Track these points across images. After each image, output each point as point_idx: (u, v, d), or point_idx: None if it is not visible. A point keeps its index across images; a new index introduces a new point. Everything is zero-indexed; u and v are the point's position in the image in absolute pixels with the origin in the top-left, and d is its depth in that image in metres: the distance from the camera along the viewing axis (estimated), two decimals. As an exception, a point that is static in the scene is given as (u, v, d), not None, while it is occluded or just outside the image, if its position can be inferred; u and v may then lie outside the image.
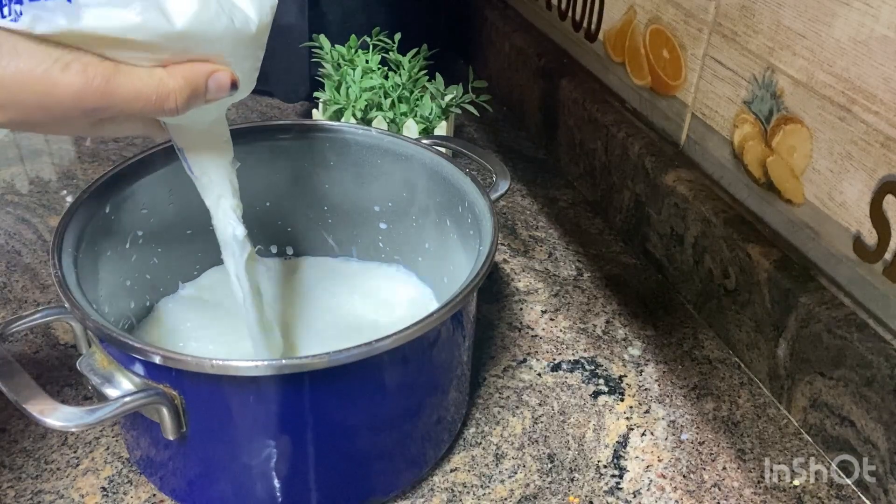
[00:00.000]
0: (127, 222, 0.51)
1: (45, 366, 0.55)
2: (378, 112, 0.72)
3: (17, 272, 0.64)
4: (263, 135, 0.56)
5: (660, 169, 0.65)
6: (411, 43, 0.75)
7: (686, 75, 0.63)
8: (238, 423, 0.41)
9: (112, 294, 0.50)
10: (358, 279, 0.59)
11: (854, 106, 0.47)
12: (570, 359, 0.59)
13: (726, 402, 0.56)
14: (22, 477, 0.48)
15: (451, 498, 0.48)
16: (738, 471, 0.51)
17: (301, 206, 0.60)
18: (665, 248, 0.66)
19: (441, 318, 0.41)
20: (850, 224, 0.49)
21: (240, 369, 0.38)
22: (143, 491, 0.47)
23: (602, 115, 0.73)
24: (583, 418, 0.54)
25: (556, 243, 0.71)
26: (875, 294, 0.48)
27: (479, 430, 0.53)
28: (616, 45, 0.72)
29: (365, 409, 0.43)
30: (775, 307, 0.54)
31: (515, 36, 0.88)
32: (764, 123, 0.55)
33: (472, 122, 0.89)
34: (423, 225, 0.57)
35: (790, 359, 0.53)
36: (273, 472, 0.43)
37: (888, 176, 0.46)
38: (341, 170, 0.58)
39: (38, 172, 0.77)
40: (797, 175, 0.53)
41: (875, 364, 0.47)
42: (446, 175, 0.53)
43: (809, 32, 0.50)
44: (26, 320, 0.44)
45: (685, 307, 0.64)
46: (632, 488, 0.49)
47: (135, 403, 0.39)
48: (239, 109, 0.90)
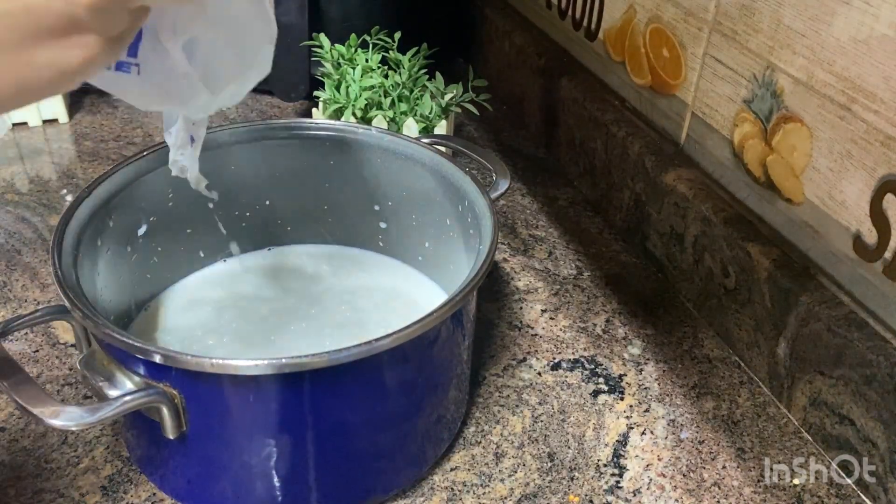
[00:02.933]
0: (127, 221, 0.51)
1: (45, 365, 0.55)
2: (378, 111, 0.72)
3: (17, 271, 0.64)
4: (263, 134, 0.56)
5: (660, 168, 0.65)
6: (411, 42, 0.75)
7: (686, 74, 0.63)
8: (238, 421, 0.42)
9: (112, 293, 0.50)
10: (358, 277, 0.59)
11: (854, 105, 0.47)
12: (570, 358, 0.59)
13: (726, 401, 0.56)
14: (22, 476, 0.48)
15: (451, 497, 0.48)
16: (737, 470, 0.51)
17: (301, 205, 0.60)
18: (665, 247, 0.66)
19: (441, 316, 0.41)
20: (850, 223, 0.49)
21: (239, 368, 0.38)
22: (144, 490, 0.47)
23: (602, 114, 0.73)
24: (583, 417, 0.54)
25: (556, 242, 0.71)
26: (875, 293, 0.48)
27: (479, 429, 0.53)
28: (616, 44, 0.72)
29: (365, 407, 0.43)
30: (775, 306, 0.54)
31: (515, 35, 0.88)
32: (764, 122, 0.55)
33: (472, 121, 0.89)
34: (423, 224, 0.57)
35: (790, 358, 0.53)
36: (273, 471, 0.43)
37: (888, 175, 0.46)
38: (341, 169, 0.58)
39: (38, 171, 0.77)
40: (797, 174, 0.53)
41: (875, 363, 0.47)
42: (446, 174, 0.53)
43: (809, 31, 0.50)
44: (26, 319, 0.44)
45: (685, 306, 0.64)
46: (632, 487, 0.49)
47: (135, 403, 0.39)
48: (239, 109, 0.90)
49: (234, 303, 0.56)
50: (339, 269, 0.60)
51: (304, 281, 0.59)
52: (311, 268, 0.60)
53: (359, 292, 0.58)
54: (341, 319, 0.55)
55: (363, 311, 0.56)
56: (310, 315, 0.56)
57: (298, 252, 0.61)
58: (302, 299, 0.57)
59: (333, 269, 0.60)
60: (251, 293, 0.57)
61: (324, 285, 0.58)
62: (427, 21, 0.92)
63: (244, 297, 0.57)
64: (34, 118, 0.84)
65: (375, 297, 0.58)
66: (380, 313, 0.56)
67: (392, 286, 0.59)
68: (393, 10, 0.86)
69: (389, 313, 0.56)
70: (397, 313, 0.56)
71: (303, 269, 0.60)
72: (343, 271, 0.60)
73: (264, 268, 0.59)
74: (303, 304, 0.56)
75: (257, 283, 0.58)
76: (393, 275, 0.60)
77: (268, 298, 0.57)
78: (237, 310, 0.56)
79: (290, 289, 0.58)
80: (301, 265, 0.60)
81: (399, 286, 0.59)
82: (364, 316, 0.56)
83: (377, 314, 0.56)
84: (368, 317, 0.56)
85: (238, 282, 0.58)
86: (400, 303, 0.57)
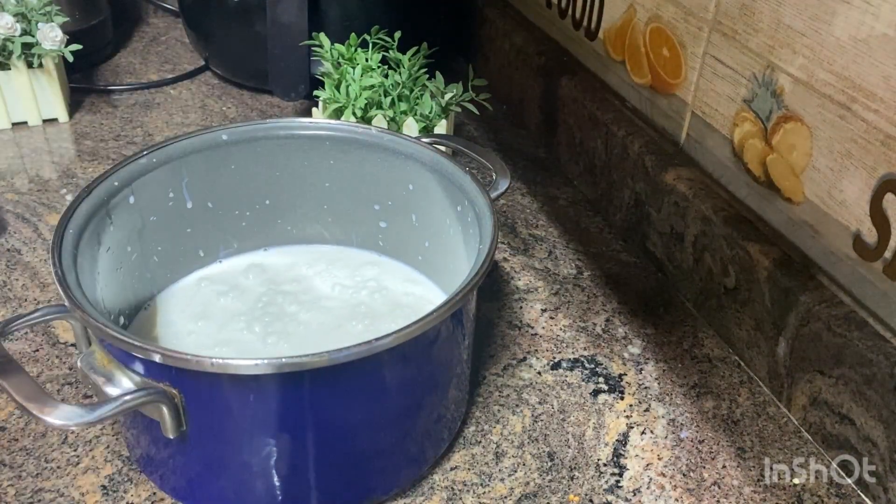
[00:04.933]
0: (127, 220, 0.51)
1: (45, 364, 0.56)
2: (378, 110, 0.72)
3: (16, 270, 0.64)
4: (263, 133, 0.56)
5: (660, 167, 0.65)
6: (411, 41, 0.75)
7: (686, 74, 0.63)
8: (238, 421, 0.42)
9: (112, 292, 0.50)
10: (358, 276, 0.59)
11: (854, 104, 0.47)
12: (569, 357, 0.59)
13: (726, 401, 0.56)
14: (22, 475, 0.48)
15: (451, 496, 0.48)
16: (737, 469, 0.51)
17: (301, 205, 0.60)
18: (665, 247, 0.66)
19: (441, 316, 0.41)
20: (850, 222, 0.49)
21: (239, 368, 0.38)
22: (144, 489, 0.47)
23: (602, 113, 0.73)
24: (583, 417, 0.54)
25: (556, 242, 0.71)
26: (875, 292, 0.48)
27: (479, 429, 0.53)
28: (616, 43, 0.72)
29: (365, 407, 0.43)
30: (775, 306, 0.54)
31: (515, 34, 0.88)
32: (764, 122, 0.55)
33: (472, 120, 0.89)
34: (423, 224, 0.57)
35: (790, 357, 0.53)
36: (273, 471, 0.43)
37: (888, 174, 0.46)
38: (341, 168, 0.58)
39: (38, 171, 0.77)
40: (797, 173, 0.53)
41: (875, 362, 0.47)
42: (446, 173, 0.53)
43: (809, 31, 0.50)
44: (26, 319, 0.44)
45: (685, 306, 0.64)
46: (631, 486, 0.49)
47: (135, 402, 0.39)
48: (239, 108, 0.90)
49: (233, 302, 0.56)
50: (338, 270, 0.60)
51: (303, 281, 0.59)
52: (310, 268, 0.60)
53: (359, 292, 0.58)
54: (341, 319, 0.55)
55: (363, 311, 0.56)
56: (309, 315, 0.56)
57: (298, 252, 0.61)
58: (301, 299, 0.57)
59: (333, 270, 0.60)
60: (251, 293, 0.57)
61: (324, 285, 0.58)
62: (427, 20, 0.92)
63: (244, 296, 0.57)
64: (34, 117, 0.84)
65: (375, 295, 0.58)
66: (380, 313, 0.56)
67: (392, 286, 0.59)
68: (393, 9, 0.86)
69: (389, 313, 0.56)
70: (397, 313, 0.56)
71: (302, 270, 0.60)
72: (343, 271, 0.60)
73: (264, 267, 0.59)
74: (302, 303, 0.56)
75: (257, 282, 0.58)
76: (393, 275, 0.60)
77: (267, 298, 0.57)
78: (237, 309, 0.56)
79: (289, 289, 0.58)
80: (301, 265, 0.60)
81: (399, 286, 0.59)
82: (364, 315, 0.56)
83: (377, 314, 0.56)
84: (368, 316, 0.56)
85: (238, 281, 0.58)
86: (399, 303, 0.57)
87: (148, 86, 0.94)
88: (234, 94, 0.93)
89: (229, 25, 0.88)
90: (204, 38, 0.93)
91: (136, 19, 1.11)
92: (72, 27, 0.88)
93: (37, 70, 0.81)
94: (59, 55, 0.82)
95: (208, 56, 0.95)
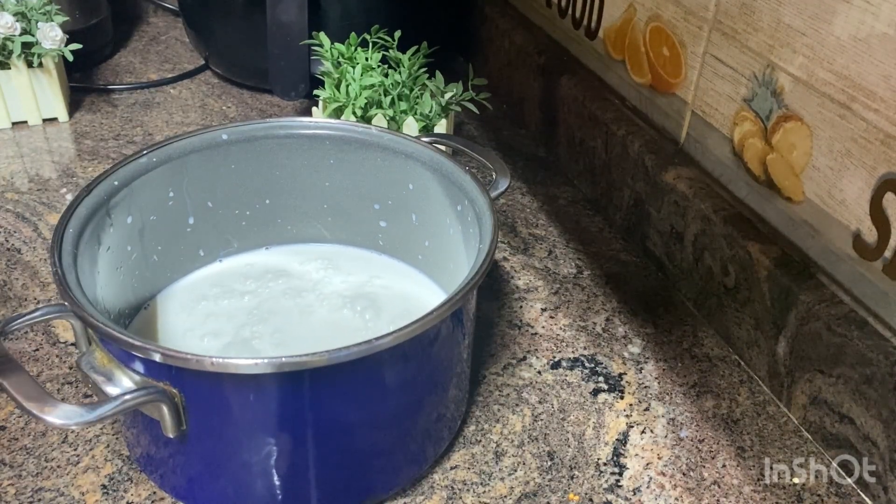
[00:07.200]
0: (127, 220, 0.51)
1: (45, 363, 0.56)
2: (378, 110, 0.72)
3: (16, 270, 0.64)
4: (263, 133, 0.56)
5: (660, 167, 0.65)
6: (411, 40, 0.75)
7: (686, 73, 0.63)
8: (238, 420, 0.42)
9: (112, 292, 0.50)
10: (357, 277, 0.59)
11: (854, 103, 0.47)
12: (569, 356, 0.59)
13: (726, 400, 0.56)
14: (22, 475, 0.48)
15: (451, 495, 0.48)
16: (737, 468, 0.51)
17: (301, 204, 0.60)
18: (665, 246, 0.66)
19: (441, 315, 0.41)
20: (850, 221, 0.49)
21: (240, 367, 0.38)
22: (144, 488, 0.47)
23: (602, 112, 0.73)
24: (582, 416, 0.54)
25: (555, 241, 0.71)
26: (875, 291, 0.48)
27: (479, 428, 0.53)
28: (616, 42, 0.72)
29: (365, 406, 0.43)
30: (775, 305, 0.54)
31: (515, 33, 0.88)
32: (764, 121, 0.55)
33: (472, 119, 0.89)
34: (423, 223, 0.57)
35: (790, 356, 0.53)
36: (273, 470, 0.43)
37: (888, 173, 0.46)
38: (341, 168, 0.58)
39: (38, 170, 0.77)
40: (797, 173, 0.53)
41: (875, 362, 0.47)
42: (446, 173, 0.53)
43: (809, 30, 0.50)
44: (26, 318, 0.44)
45: (685, 305, 0.64)
46: (631, 486, 0.49)
47: (135, 401, 0.39)
48: (238, 107, 0.90)
49: (233, 302, 0.56)
50: (338, 269, 0.60)
51: (303, 280, 0.59)
52: (310, 267, 0.60)
53: (359, 291, 0.58)
54: (341, 319, 0.55)
55: (363, 311, 0.56)
56: (309, 314, 0.56)
57: (298, 251, 0.61)
58: (301, 299, 0.57)
59: (333, 269, 0.60)
60: (251, 292, 0.57)
61: (323, 285, 0.58)
62: (427, 20, 0.92)
63: (244, 296, 0.57)
64: (34, 117, 0.84)
65: (375, 296, 0.58)
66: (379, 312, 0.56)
67: (392, 285, 0.59)
68: (393, 8, 0.86)
69: (389, 313, 0.56)
70: (397, 312, 0.56)
71: (302, 269, 0.60)
72: (342, 271, 0.60)
73: (264, 267, 0.59)
74: (302, 303, 0.56)
75: (257, 282, 0.58)
76: (393, 274, 0.60)
77: (267, 297, 0.57)
78: (237, 309, 0.56)
79: (289, 288, 0.58)
80: (301, 264, 0.60)
81: (399, 285, 0.59)
82: (364, 315, 0.56)
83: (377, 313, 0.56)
84: (368, 316, 0.56)
85: (238, 281, 0.58)
86: (399, 302, 0.57)
87: (148, 85, 0.94)
88: (233, 93, 0.93)
89: (229, 25, 0.88)
90: (204, 37, 0.93)
91: (135, 19, 1.11)
92: (72, 26, 0.88)
93: (37, 69, 0.81)
94: (59, 54, 0.82)
95: (208, 55, 0.95)
